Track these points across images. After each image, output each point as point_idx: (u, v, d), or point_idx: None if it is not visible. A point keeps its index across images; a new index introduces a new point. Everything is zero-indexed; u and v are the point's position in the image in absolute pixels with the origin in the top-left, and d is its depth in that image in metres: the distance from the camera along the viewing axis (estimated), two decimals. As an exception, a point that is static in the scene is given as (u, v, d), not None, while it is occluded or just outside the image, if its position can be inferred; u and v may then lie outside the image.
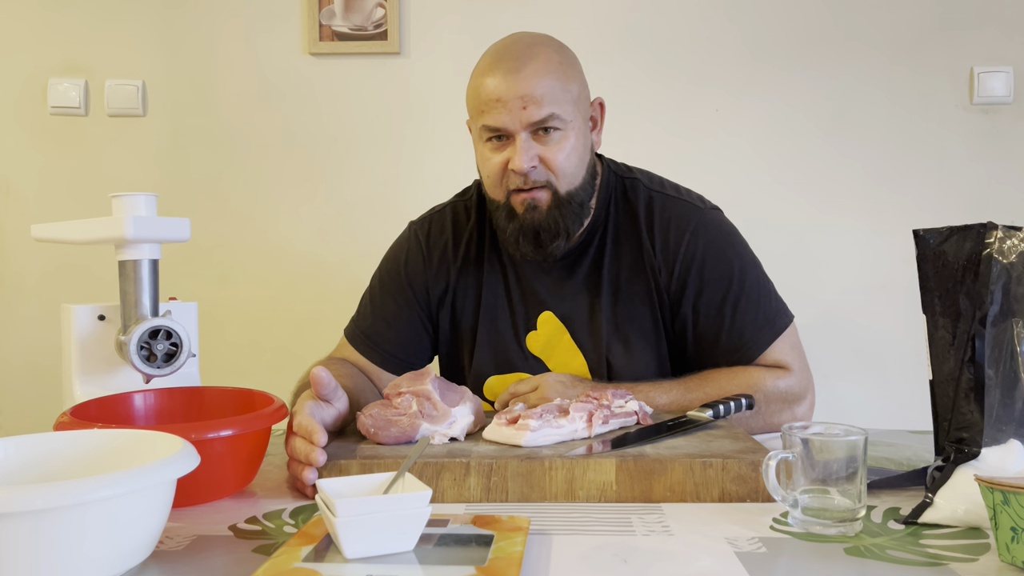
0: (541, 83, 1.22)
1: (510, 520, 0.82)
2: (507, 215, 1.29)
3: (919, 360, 1.02)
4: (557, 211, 1.27)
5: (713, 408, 1.15)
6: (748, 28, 2.06)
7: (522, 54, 1.25)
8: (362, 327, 1.44)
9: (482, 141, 1.29)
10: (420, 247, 1.44)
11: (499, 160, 1.26)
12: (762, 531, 0.85)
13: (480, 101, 1.26)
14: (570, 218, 1.28)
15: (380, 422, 1.02)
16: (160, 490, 0.75)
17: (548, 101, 1.22)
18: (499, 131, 1.25)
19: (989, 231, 0.90)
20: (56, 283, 2.13)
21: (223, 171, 2.12)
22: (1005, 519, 0.74)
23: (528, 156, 1.23)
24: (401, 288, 1.43)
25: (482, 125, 1.26)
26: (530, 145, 1.24)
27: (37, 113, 2.12)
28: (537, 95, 1.22)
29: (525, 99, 1.22)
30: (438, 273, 1.42)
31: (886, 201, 2.06)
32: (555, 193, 1.27)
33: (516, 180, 1.25)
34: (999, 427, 0.90)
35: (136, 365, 1.13)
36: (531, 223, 1.27)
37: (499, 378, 1.40)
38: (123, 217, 1.12)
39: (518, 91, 1.22)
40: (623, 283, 1.35)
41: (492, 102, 1.23)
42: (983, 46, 2.04)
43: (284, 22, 2.10)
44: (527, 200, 1.26)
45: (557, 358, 1.37)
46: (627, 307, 1.34)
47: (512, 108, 1.22)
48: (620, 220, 1.37)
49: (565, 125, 1.25)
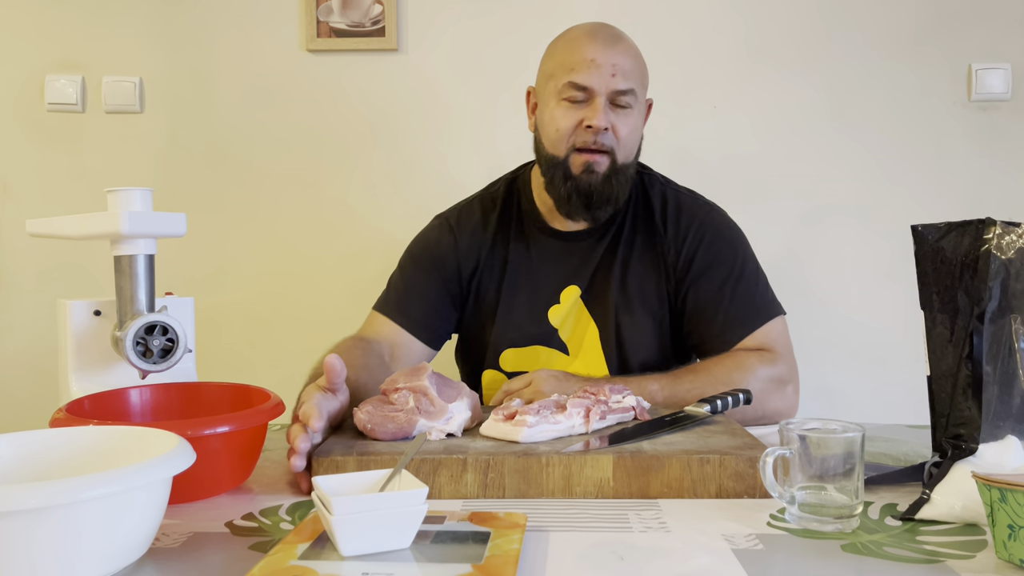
0: (630, 61, 1.36)
1: (507, 517, 0.82)
2: (564, 175, 1.37)
3: (917, 356, 1.02)
4: (613, 178, 1.37)
5: (710, 403, 1.15)
6: (746, 25, 2.06)
7: (615, 33, 1.38)
8: (393, 299, 1.49)
9: (558, 99, 1.36)
10: (451, 231, 1.51)
11: (574, 117, 1.35)
12: (759, 528, 0.85)
13: (572, 60, 1.35)
14: (620, 188, 1.38)
15: (377, 418, 1.02)
16: (156, 488, 0.74)
17: (633, 78, 1.35)
18: (585, 90, 1.33)
19: (988, 227, 0.90)
20: (52, 279, 2.12)
21: (220, 167, 2.11)
22: (1002, 516, 0.74)
23: (606, 117, 1.33)
24: (432, 265, 1.49)
25: (568, 82, 1.34)
26: (607, 110, 1.34)
27: (34, 110, 2.11)
28: (626, 68, 1.34)
29: (616, 68, 1.33)
30: (468, 253, 1.49)
31: (884, 197, 2.06)
32: (614, 162, 1.36)
33: (587, 137, 1.34)
34: (997, 423, 0.90)
35: (132, 361, 1.12)
36: (587, 185, 1.36)
37: (515, 351, 1.46)
38: (118, 212, 1.11)
39: (612, 59, 1.33)
40: (634, 261, 1.44)
41: (587, 63, 1.33)
42: (981, 43, 2.04)
43: (282, 19, 2.09)
44: (588, 162, 1.35)
45: (572, 329, 1.45)
46: (637, 281, 1.43)
47: (604, 72, 1.32)
48: (637, 206, 1.47)
49: (635, 104, 1.37)
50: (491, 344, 1.47)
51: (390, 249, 1.66)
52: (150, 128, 2.11)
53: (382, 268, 1.67)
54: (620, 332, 1.43)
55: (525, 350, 1.46)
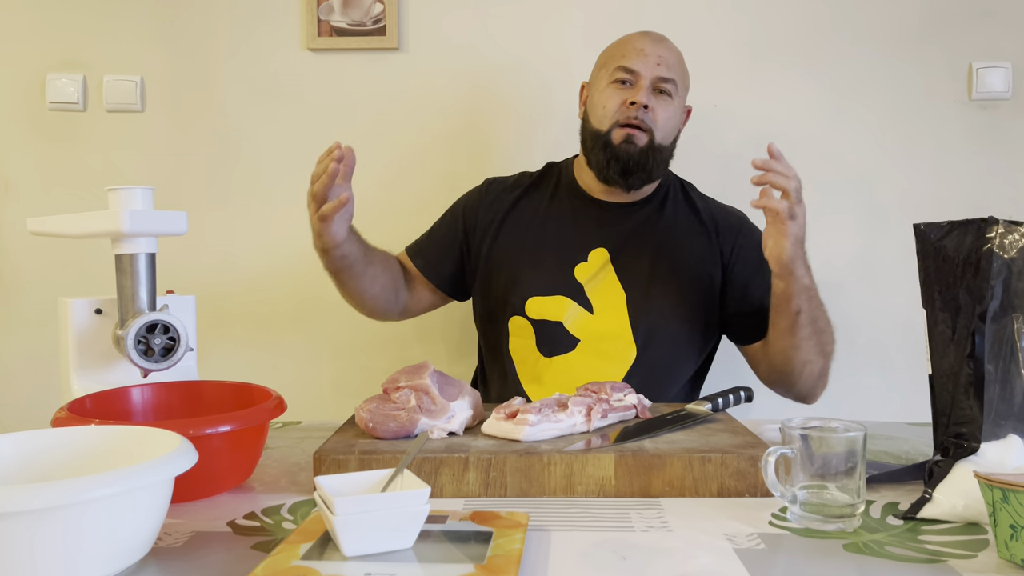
0: (673, 57, 1.53)
1: (509, 516, 0.82)
2: (604, 144, 1.50)
3: (919, 355, 1.01)
4: (649, 153, 1.49)
5: (712, 402, 1.15)
6: (746, 24, 2.06)
7: (662, 35, 1.56)
8: (416, 245, 1.67)
9: (608, 82, 1.51)
10: (482, 191, 1.66)
11: (620, 97, 1.49)
12: (761, 527, 0.85)
13: (623, 50, 1.52)
14: (656, 163, 1.51)
15: (378, 417, 1.02)
16: (158, 488, 0.74)
17: (675, 71, 1.51)
18: (633, 73, 1.49)
19: (990, 226, 0.90)
20: (53, 277, 2.12)
21: (222, 166, 2.11)
22: (1004, 516, 0.74)
23: (648, 97, 1.48)
24: (455, 218, 1.65)
25: (618, 66, 1.50)
26: (650, 91, 1.49)
27: (35, 109, 2.11)
28: (671, 62, 1.51)
29: (662, 59, 1.50)
30: (491, 206, 1.62)
31: (885, 196, 2.06)
32: (652, 139, 1.49)
33: (630, 112, 1.48)
34: (998, 422, 0.90)
35: (133, 359, 1.12)
36: (625, 153, 1.48)
37: (541, 299, 1.52)
38: (119, 211, 1.11)
39: (658, 52, 1.50)
40: (676, 236, 1.55)
41: (636, 52, 1.50)
42: (982, 42, 2.04)
43: (282, 18, 2.09)
44: (628, 134, 1.48)
45: (599, 290, 1.51)
46: (677, 258, 1.53)
47: (650, 60, 1.49)
48: (679, 200, 1.61)
49: (676, 95, 1.52)
50: (517, 290, 1.53)
51: (392, 247, 1.66)
52: (151, 127, 2.11)
53: (383, 266, 1.68)
54: (650, 302, 1.49)
55: (550, 299, 1.51)
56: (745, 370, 1.61)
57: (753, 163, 1.26)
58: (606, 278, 1.51)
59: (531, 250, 1.55)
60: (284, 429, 1.32)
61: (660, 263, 1.52)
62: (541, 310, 1.51)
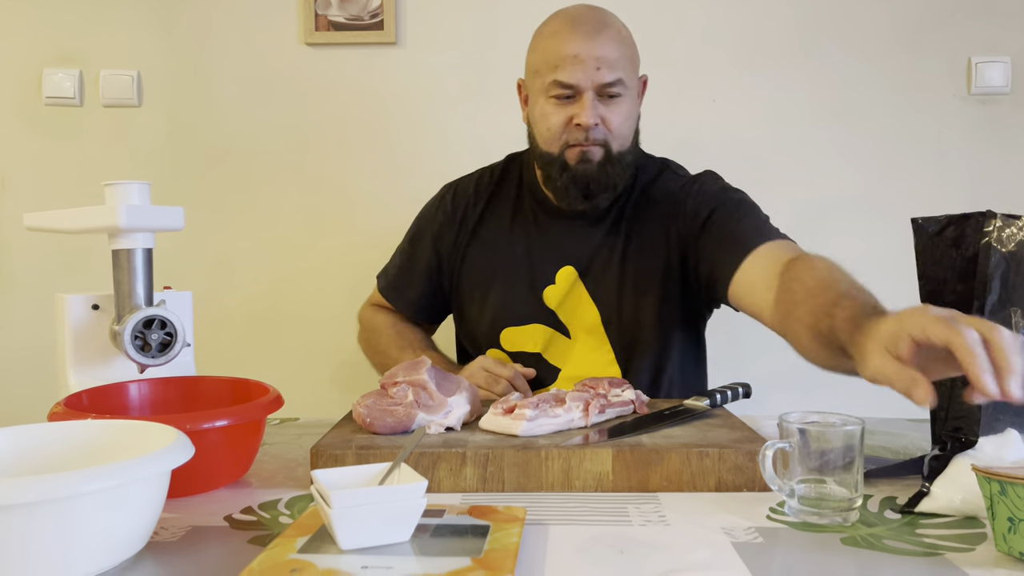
0: (615, 50, 1.32)
1: (506, 510, 0.82)
2: (560, 167, 1.37)
3: (916, 350, 1.01)
4: (608, 166, 1.35)
5: (710, 397, 1.15)
6: (745, 18, 2.05)
7: (598, 21, 1.34)
8: (391, 279, 1.60)
9: (545, 97, 1.35)
10: (445, 204, 1.54)
11: (563, 115, 1.34)
12: (759, 521, 0.85)
13: (554, 57, 1.32)
14: (618, 174, 1.37)
15: (376, 412, 1.02)
16: (154, 482, 0.74)
17: (619, 67, 1.32)
18: (571, 88, 1.32)
19: (988, 220, 0.90)
20: (50, 273, 2.12)
21: (219, 161, 2.11)
22: (1002, 509, 0.74)
23: (594, 114, 1.31)
24: (427, 245, 1.54)
25: (553, 80, 1.32)
26: (595, 105, 1.32)
27: (32, 104, 2.10)
28: (611, 59, 1.31)
29: (600, 61, 1.30)
30: (461, 224, 1.52)
31: (884, 191, 2.06)
32: (608, 152, 1.35)
33: (578, 135, 1.33)
34: (996, 416, 0.90)
35: (130, 355, 1.12)
36: (583, 174, 1.35)
37: (515, 329, 1.45)
38: (116, 205, 1.11)
39: (595, 53, 1.30)
40: (636, 243, 1.43)
41: (569, 59, 1.30)
42: (981, 36, 2.04)
43: (280, 12, 2.08)
44: (583, 151, 1.34)
45: (572, 312, 1.44)
46: (641, 262, 1.41)
47: (588, 68, 1.30)
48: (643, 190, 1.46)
49: (626, 92, 1.34)
50: (489, 321, 1.47)
51: (388, 242, 1.66)
52: (148, 122, 2.11)
53: (380, 261, 1.67)
54: (623, 314, 1.41)
55: (526, 328, 1.45)
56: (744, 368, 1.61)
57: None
58: (577, 297, 1.43)
59: (501, 273, 1.47)
60: (282, 425, 1.32)
61: (628, 270, 1.42)
62: (516, 342, 1.45)
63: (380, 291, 1.61)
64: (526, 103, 1.45)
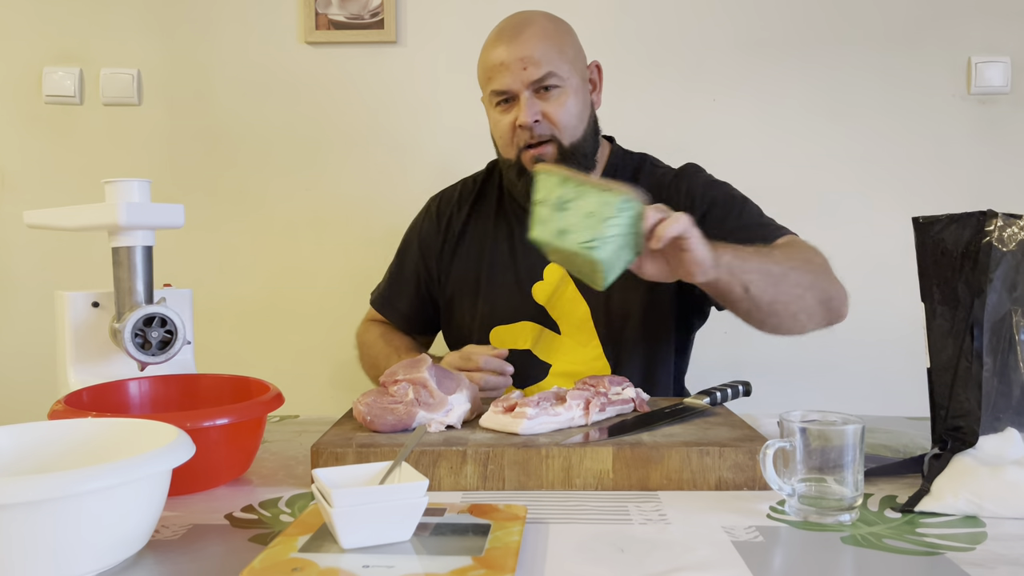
0: (538, 45, 1.34)
1: (507, 509, 0.82)
2: (518, 172, 1.40)
3: (917, 348, 1.01)
4: (564, 163, 1.36)
5: (710, 395, 1.15)
6: (745, 17, 2.05)
7: (519, 23, 1.38)
8: (382, 291, 1.62)
9: (492, 107, 1.41)
10: (432, 216, 1.58)
11: (508, 121, 1.38)
12: (759, 520, 0.85)
13: (487, 70, 1.38)
14: (577, 167, 1.36)
15: (376, 410, 1.02)
16: (155, 480, 0.74)
17: (546, 61, 1.34)
18: (505, 93, 1.36)
19: (989, 219, 0.90)
20: (50, 270, 2.12)
21: (219, 160, 2.11)
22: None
23: (532, 111, 1.34)
24: (415, 255, 1.57)
25: (490, 91, 1.38)
26: (533, 102, 1.35)
27: (32, 102, 2.10)
28: (536, 56, 1.34)
29: (525, 60, 1.33)
30: (447, 232, 1.54)
31: (884, 190, 2.06)
32: (560, 146, 1.37)
33: (524, 136, 1.37)
34: (996, 415, 0.90)
35: (130, 352, 1.12)
36: None
37: (505, 327, 1.47)
38: (116, 203, 1.11)
39: (518, 54, 1.34)
40: None
41: (497, 67, 1.36)
42: (980, 36, 2.04)
43: (280, 11, 2.08)
44: (535, 155, 1.37)
45: (561, 307, 1.45)
46: None
47: (514, 70, 1.34)
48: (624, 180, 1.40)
49: (563, 83, 1.36)
50: (478, 321, 1.48)
51: (388, 241, 1.66)
52: (148, 120, 2.11)
53: (380, 260, 1.67)
54: (611, 308, 1.42)
55: (515, 326, 1.46)
56: (745, 365, 1.61)
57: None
58: (566, 293, 1.44)
59: (487, 276, 1.49)
60: (282, 423, 1.32)
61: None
62: (506, 340, 1.46)
63: (372, 304, 1.63)
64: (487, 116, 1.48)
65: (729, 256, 1.12)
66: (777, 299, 1.20)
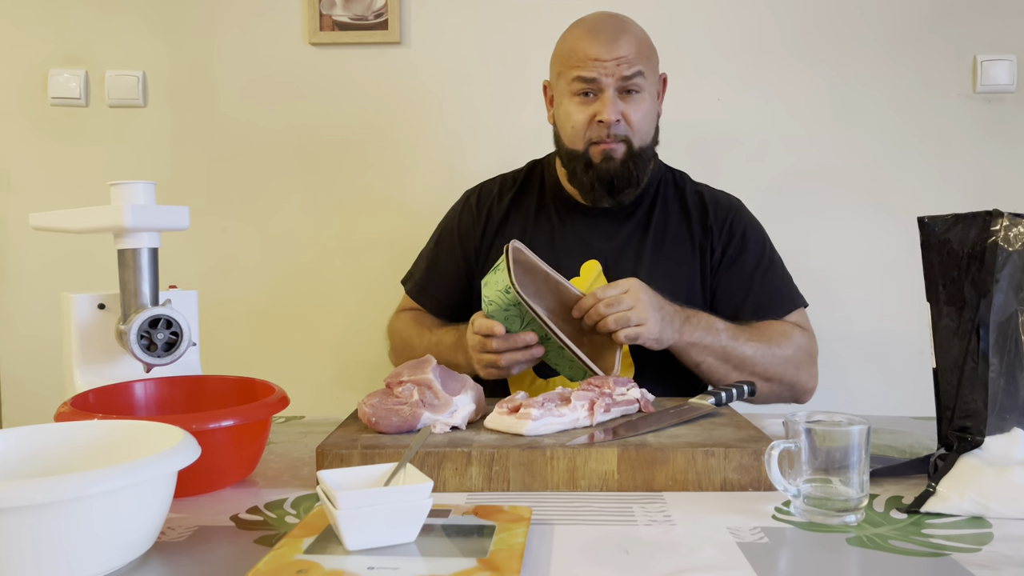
0: (634, 47, 1.40)
1: (511, 510, 0.82)
2: (585, 165, 1.44)
3: (923, 349, 1.01)
4: (631, 162, 1.42)
5: (715, 396, 1.15)
6: (750, 17, 2.05)
7: (618, 25, 1.43)
8: (418, 280, 1.62)
9: (569, 95, 1.43)
10: (471, 207, 1.60)
11: (586, 113, 1.41)
12: (764, 521, 0.84)
13: (577, 58, 1.41)
14: (641, 169, 1.44)
15: (381, 411, 1.02)
16: (161, 482, 0.74)
17: (638, 60, 1.40)
18: (592, 83, 1.39)
19: (995, 219, 0.90)
20: (56, 272, 2.12)
21: (224, 161, 2.11)
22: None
23: (615, 110, 1.39)
24: (453, 244, 1.59)
25: (576, 76, 1.40)
26: (616, 101, 1.40)
27: (37, 104, 2.11)
28: (631, 54, 1.39)
29: (620, 59, 1.38)
30: (487, 223, 1.57)
31: (889, 189, 2.05)
32: (630, 147, 1.42)
33: (600, 131, 1.40)
34: (1003, 416, 0.89)
35: (136, 354, 1.12)
36: (607, 172, 1.42)
37: None
38: (121, 205, 1.11)
39: (615, 52, 1.38)
40: (668, 243, 1.50)
41: (591, 59, 1.39)
42: (986, 34, 2.03)
43: (284, 12, 2.08)
44: (605, 150, 1.41)
45: None
46: (668, 264, 1.48)
47: (608, 65, 1.38)
48: (669, 195, 1.54)
49: (645, 87, 1.42)
50: None
51: (393, 242, 1.66)
52: (153, 122, 2.11)
53: (385, 260, 1.67)
54: None
55: None
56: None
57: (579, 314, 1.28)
58: None
59: None
60: (287, 424, 1.32)
61: (654, 268, 1.47)
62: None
63: (408, 293, 1.64)
64: (551, 104, 1.51)
65: (688, 336, 1.32)
66: (727, 378, 1.35)
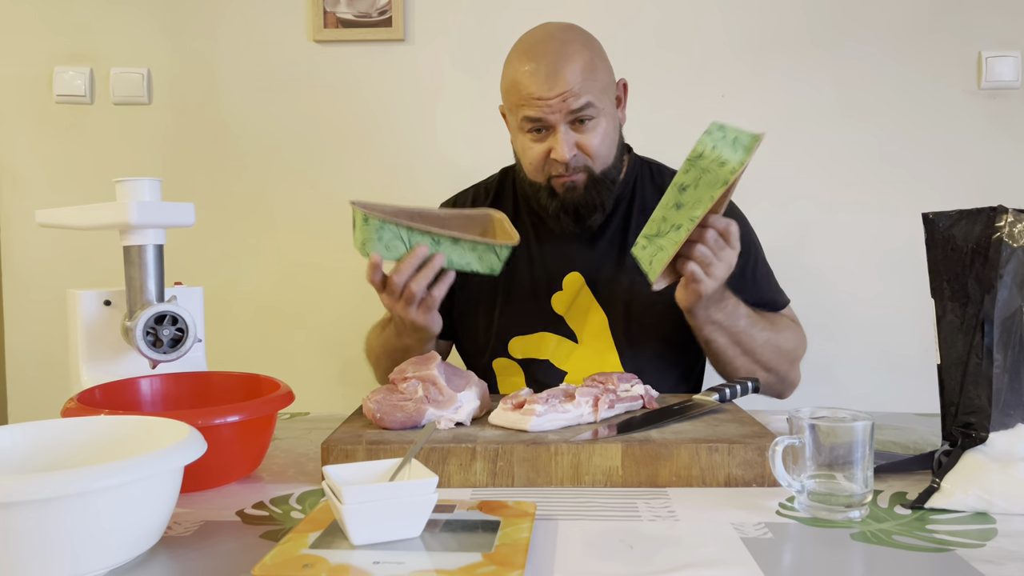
0: (578, 76, 1.31)
1: (516, 506, 0.82)
2: (548, 194, 1.40)
3: (927, 344, 1.01)
4: (594, 190, 1.38)
5: (719, 392, 1.15)
6: (754, 12, 2.05)
7: (557, 53, 1.32)
8: None
9: (522, 131, 1.38)
10: None
11: (540, 150, 1.36)
12: (768, 516, 0.85)
13: (520, 96, 1.34)
14: (605, 194, 1.40)
15: (386, 407, 1.02)
16: (167, 477, 0.75)
17: (585, 91, 1.31)
18: (540, 121, 1.33)
19: (999, 215, 0.90)
20: (62, 269, 2.13)
21: (229, 158, 2.12)
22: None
23: (569, 146, 1.33)
24: None
25: (524, 117, 1.34)
26: (569, 135, 1.33)
27: (43, 101, 2.12)
28: (575, 89, 1.30)
29: (564, 95, 1.30)
30: None
31: (894, 185, 2.05)
32: (591, 174, 1.37)
33: (558, 168, 1.35)
34: (1007, 412, 0.89)
35: (142, 350, 1.13)
36: (571, 201, 1.38)
37: (523, 338, 1.46)
38: (127, 202, 1.12)
39: (557, 89, 1.30)
40: None
41: (533, 99, 1.31)
42: (991, 31, 2.03)
43: (289, 9, 2.09)
44: (566, 183, 1.37)
45: (580, 316, 1.45)
46: None
47: (553, 103, 1.30)
48: (647, 193, 1.49)
49: (598, 113, 1.34)
50: (496, 331, 1.48)
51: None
52: (158, 119, 2.12)
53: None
54: (631, 319, 1.43)
55: (532, 337, 1.46)
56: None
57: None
58: (584, 302, 1.45)
59: (505, 286, 1.47)
60: (292, 420, 1.32)
61: (638, 274, 1.39)
62: (526, 349, 1.46)
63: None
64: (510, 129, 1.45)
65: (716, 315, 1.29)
66: (733, 361, 1.35)
